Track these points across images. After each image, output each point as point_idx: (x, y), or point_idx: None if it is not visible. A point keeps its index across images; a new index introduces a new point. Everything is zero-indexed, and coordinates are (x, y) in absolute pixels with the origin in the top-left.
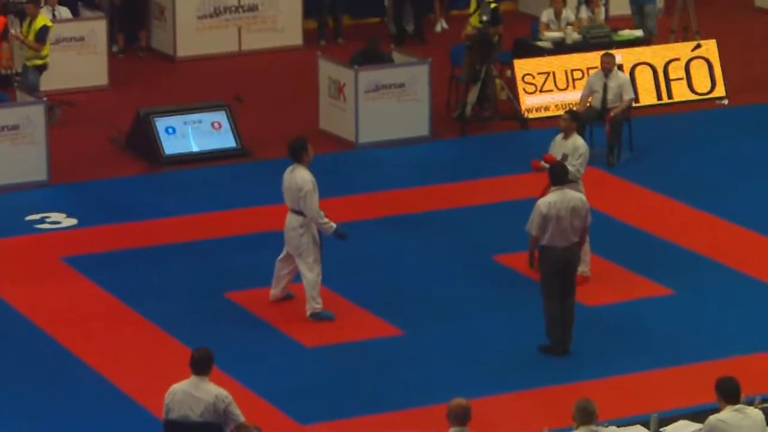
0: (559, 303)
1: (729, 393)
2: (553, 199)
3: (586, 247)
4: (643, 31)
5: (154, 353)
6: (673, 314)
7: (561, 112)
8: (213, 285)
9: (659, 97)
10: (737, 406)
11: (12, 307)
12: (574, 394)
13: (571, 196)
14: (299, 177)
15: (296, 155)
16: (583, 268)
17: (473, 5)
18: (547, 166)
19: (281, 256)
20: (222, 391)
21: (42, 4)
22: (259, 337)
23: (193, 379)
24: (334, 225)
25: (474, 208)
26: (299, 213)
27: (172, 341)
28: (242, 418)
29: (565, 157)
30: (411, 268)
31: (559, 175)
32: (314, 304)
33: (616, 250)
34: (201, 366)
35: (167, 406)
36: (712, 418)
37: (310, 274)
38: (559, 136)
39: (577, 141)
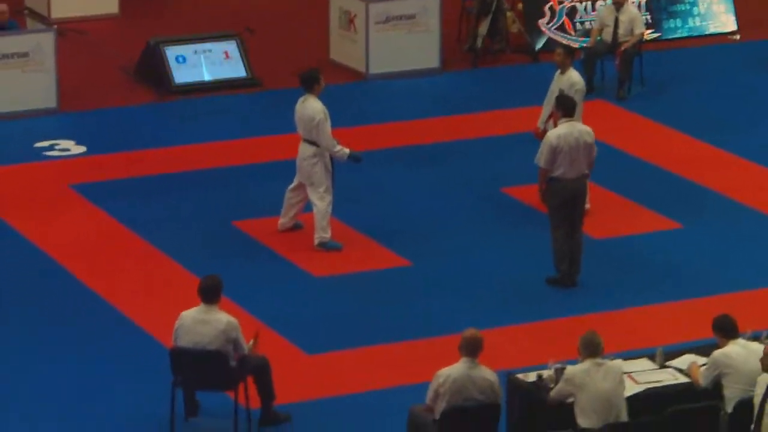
0: (567, 235)
1: (727, 329)
2: (562, 132)
3: None
4: None
5: (162, 281)
6: (680, 248)
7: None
8: (222, 213)
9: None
10: (739, 341)
11: (20, 234)
12: (581, 326)
13: (580, 129)
14: (311, 107)
15: (308, 85)
16: None
17: None
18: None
19: (292, 185)
20: (232, 319)
21: None
22: (267, 266)
23: (202, 306)
24: (347, 150)
25: (484, 139)
26: (312, 142)
27: (181, 269)
28: (247, 349)
29: (562, 92)
30: (420, 200)
31: (568, 108)
32: (323, 233)
33: (625, 183)
34: (210, 294)
35: (176, 333)
36: (716, 352)
37: (321, 203)
38: (557, 72)
39: (573, 76)
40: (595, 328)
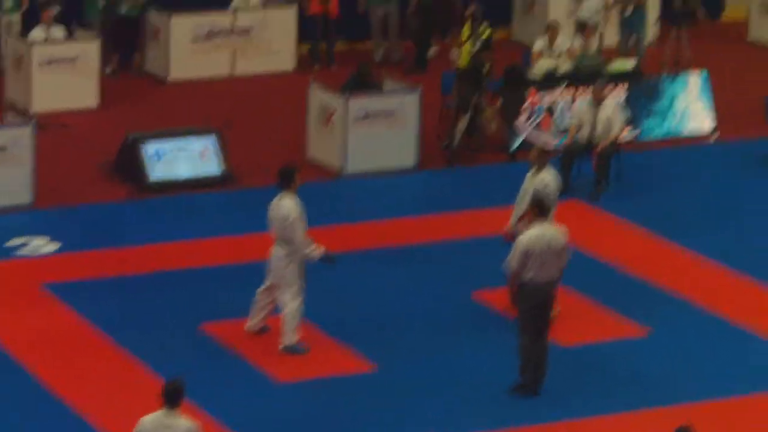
0: (534, 341)
1: None
2: (534, 234)
3: None
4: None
5: (127, 383)
6: (647, 355)
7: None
8: (191, 315)
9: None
10: None
11: None
12: None
13: (553, 232)
14: (285, 205)
15: (284, 183)
16: None
17: (465, 32)
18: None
19: (263, 287)
20: (193, 424)
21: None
22: (233, 369)
23: (164, 411)
24: (320, 251)
25: (457, 241)
26: (285, 242)
27: (147, 371)
28: None
29: (536, 191)
30: (391, 302)
31: (544, 208)
32: (291, 336)
33: (595, 288)
34: (172, 398)
35: None
36: None
37: (292, 304)
38: (532, 170)
39: (546, 176)
40: None
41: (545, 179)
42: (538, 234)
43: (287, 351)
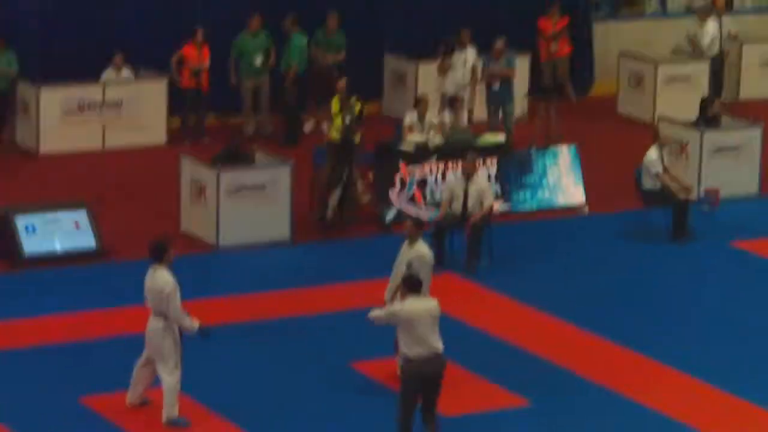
0: (412, 417)
1: None
2: (410, 307)
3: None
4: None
5: None
6: (527, 426)
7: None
8: (69, 389)
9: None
10: None
11: None
12: None
13: (430, 302)
14: (161, 278)
15: (157, 255)
16: None
17: (336, 106)
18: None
19: (141, 360)
20: None
21: None
22: None
23: None
24: (197, 324)
25: (333, 314)
26: (161, 315)
27: None
28: None
29: (410, 264)
30: (269, 375)
31: (414, 286)
32: (171, 410)
33: (473, 359)
34: None
35: None
36: None
37: (170, 378)
38: (405, 243)
39: (421, 248)
40: None
41: (420, 251)
42: (414, 307)
43: (170, 424)
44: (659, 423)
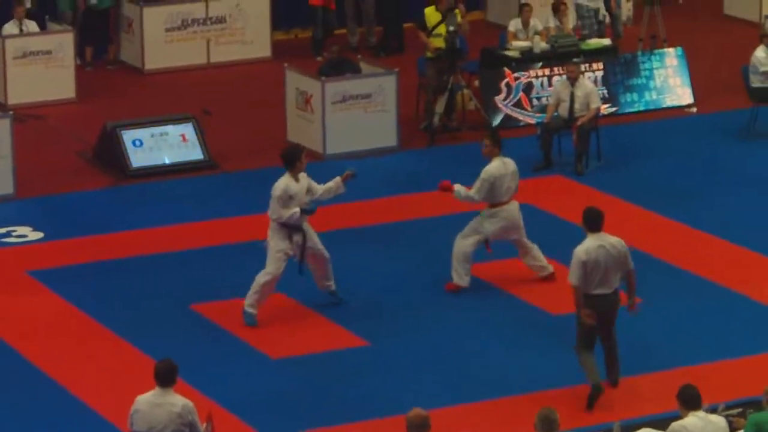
0: (592, 351)
1: (690, 400)
2: (589, 245)
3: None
4: (612, 37)
5: (119, 366)
6: (649, 323)
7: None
8: (179, 297)
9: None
10: (699, 413)
11: None
12: (538, 403)
13: (609, 240)
14: (277, 182)
15: (286, 163)
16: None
17: (432, 16)
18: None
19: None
20: (188, 402)
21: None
22: (224, 348)
23: (157, 390)
24: (296, 210)
25: (442, 217)
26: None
27: (138, 353)
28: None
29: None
30: (378, 279)
31: (589, 222)
32: (249, 301)
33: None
34: (165, 378)
35: (132, 418)
36: (675, 424)
37: (260, 275)
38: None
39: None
40: (555, 402)
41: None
42: (594, 244)
43: (243, 313)
44: None
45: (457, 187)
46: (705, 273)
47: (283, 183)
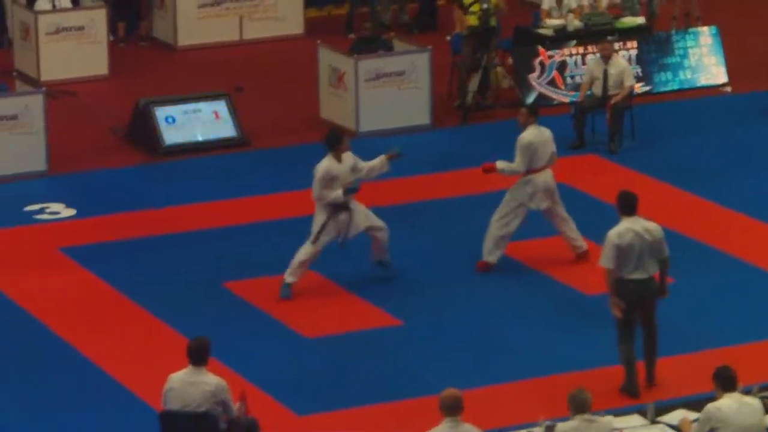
0: (632, 344)
1: (726, 381)
2: (622, 228)
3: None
4: (647, 15)
5: (151, 343)
6: (678, 301)
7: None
8: (212, 274)
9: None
10: (734, 395)
11: (9, 298)
12: (570, 383)
13: (643, 224)
14: (320, 163)
15: (329, 145)
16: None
17: None
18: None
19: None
20: (221, 381)
21: None
22: (257, 326)
23: (190, 368)
24: (336, 193)
25: (472, 197)
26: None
27: (171, 331)
28: (236, 411)
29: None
30: (410, 258)
31: (623, 206)
32: (288, 274)
33: None
34: (198, 356)
35: (165, 396)
36: (709, 405)
37: (301, 249)
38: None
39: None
40: (585, 384)
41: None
42: (627, 227)
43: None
44: None
45: (499, 163)
46: (740, 253)
47: (325, 164)
